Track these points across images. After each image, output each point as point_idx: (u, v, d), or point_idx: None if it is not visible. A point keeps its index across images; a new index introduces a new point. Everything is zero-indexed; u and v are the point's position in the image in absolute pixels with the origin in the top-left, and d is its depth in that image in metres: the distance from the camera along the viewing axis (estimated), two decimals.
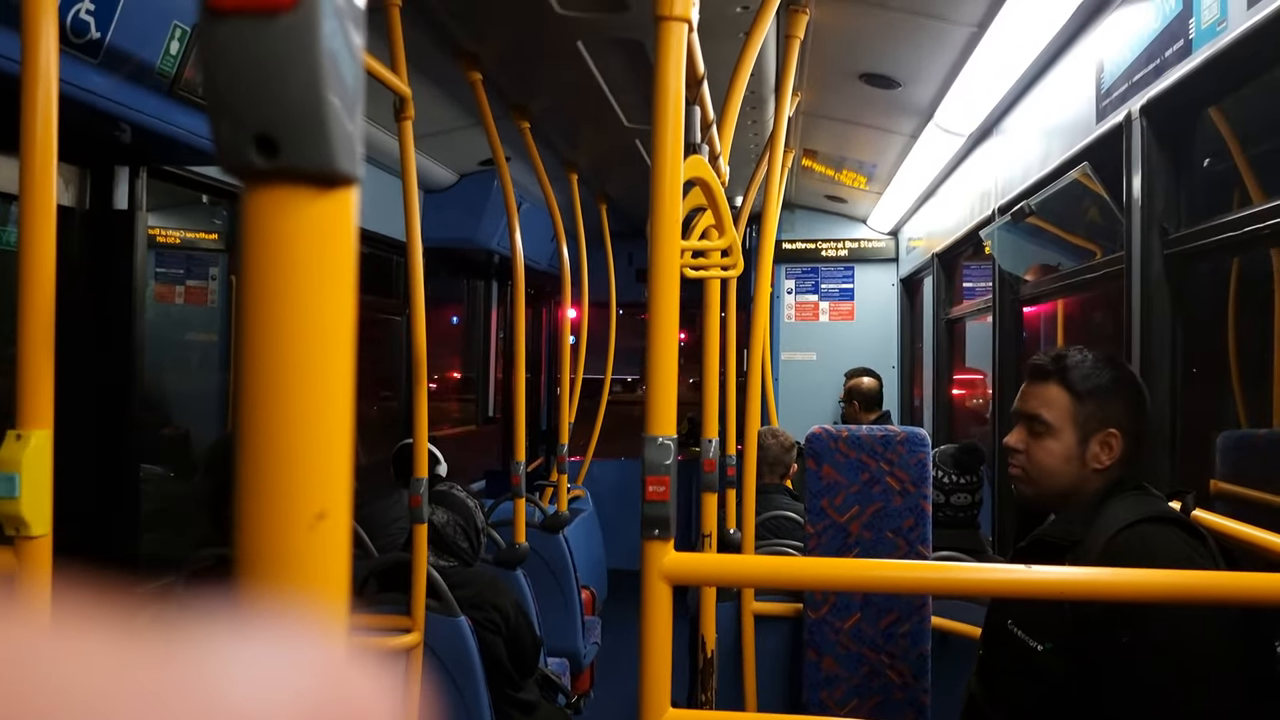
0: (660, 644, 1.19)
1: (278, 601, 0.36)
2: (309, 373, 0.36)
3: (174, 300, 3.89)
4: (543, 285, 6.56)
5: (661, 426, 1.21)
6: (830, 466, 2.60)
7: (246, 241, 0.36)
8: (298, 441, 0.36)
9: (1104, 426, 1.65)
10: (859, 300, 6.47)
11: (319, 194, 0.36)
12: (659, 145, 1.19)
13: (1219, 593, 1.17)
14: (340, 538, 0.37)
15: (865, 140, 4.57)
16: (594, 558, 5.11)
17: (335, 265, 0.37)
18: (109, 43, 1.97)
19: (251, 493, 0.36)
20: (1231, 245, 1.96)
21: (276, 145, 0.35)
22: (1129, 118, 2.24)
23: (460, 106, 3.62)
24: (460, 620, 2.68)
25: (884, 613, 2.56)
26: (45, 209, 1.32)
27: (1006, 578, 1.20)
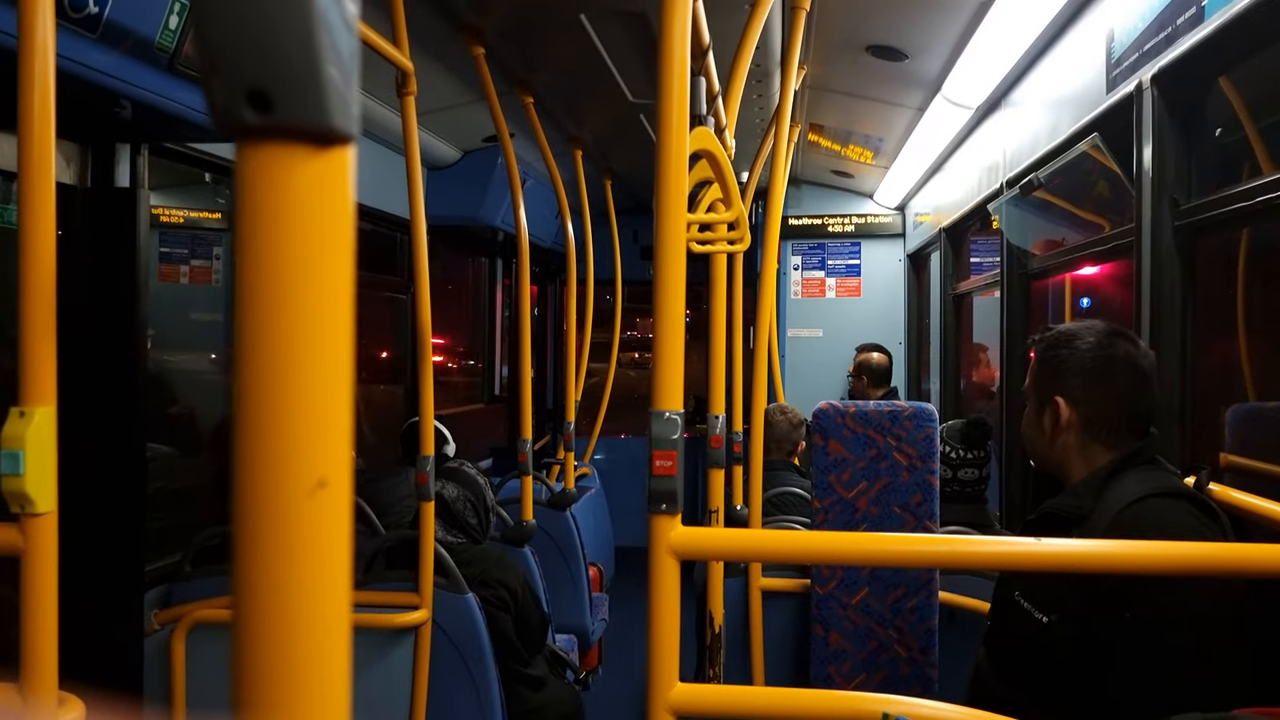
0: (668, 619, 1.18)
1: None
2: (307, 337, 0.35)
3: (179, 280, 3.88)
4: (548, 262, 6.54)
5: (668, 401, 1.20)
6: (837, 442, 2.59)
7: (241, 202, 0.35)
8: (296, 408, 0.35)
9: (1052, 395, 1.71)
10: (866, 276, 6.45)
11: (314, 152, 0.35)
12: (664, 115, 1.17)
13: (1224, 564, 1.16)
14: (341, 505, 0.36)
15: (872, 114, 4.53)
16: (601, 535, 5.12)
17: (332, 226, 0.36)
18: (108, 17, 1.95)
19: (250, 461, 0.35)
20: (1243, 216, 1.93)
21: (270, 101, 0.34)
22: (1140, 87, 2.21)
23: (463, 82, 3.60)
24: (468, 597, 2.69)
25: (891, 587, 2.56)
26: (44, 185, 1.30)
27: (1012, 550, 1.19)
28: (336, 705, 0.37)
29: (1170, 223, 2.14)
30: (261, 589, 0.35)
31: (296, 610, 0.36)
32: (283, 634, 0.35)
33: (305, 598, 0.35)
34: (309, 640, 0.36)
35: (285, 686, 0.36)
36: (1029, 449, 1.83)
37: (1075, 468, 1.70)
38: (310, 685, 0.36)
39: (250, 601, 0.35)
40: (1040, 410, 1.74)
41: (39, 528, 1.23)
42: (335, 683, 0.37)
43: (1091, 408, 1.67)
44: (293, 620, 0.36)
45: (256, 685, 0.36)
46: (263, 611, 0.35)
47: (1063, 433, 1.70)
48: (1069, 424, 1.69)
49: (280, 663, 0.36)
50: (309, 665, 0.36)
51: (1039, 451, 1.78)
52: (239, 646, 0.35)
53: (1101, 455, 1.67)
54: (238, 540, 0.36)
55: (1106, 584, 1.47)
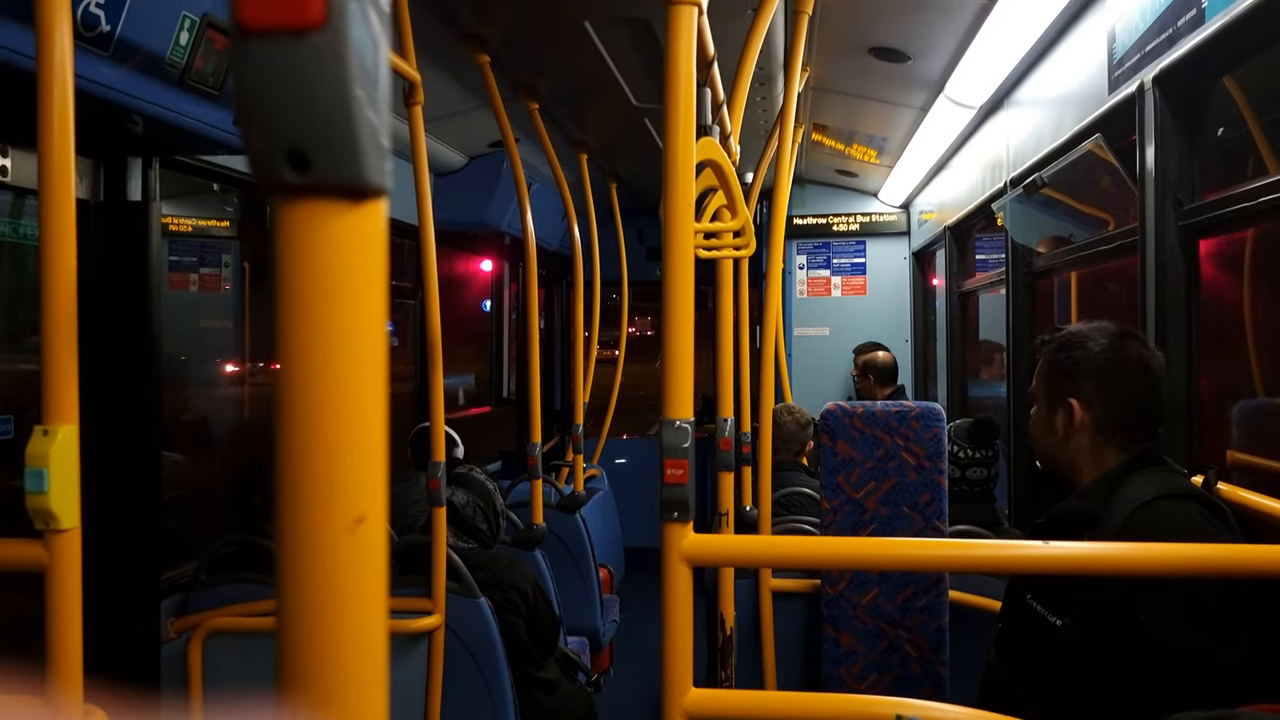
0: (682, 627, 1.20)
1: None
2: (344, 381, 0.37)
3: (188, 288, 3.91)
4: (555, 265, 6.56)
5: (679, 409, 1.22)
6: (845, 443, 2.60)
7: (280, 254, 0.37)
8: (335, 448, 0.37)
9: (1065, 397, 1.71)
10: (871, 274, 6.46)
11: (350, 206, 0.37)
12: (671, 129, 1.19)
13: (1232, 565, 1.17)
14: (378, 540, 0.38)
15: (875, 114, 4.55)
16: (611, 536, 5.14)
17: (367, 274, 0.38)
18: (119, 35, 1.97)
19: (292, 498, 0.37)
20: (1247, 216, 1.95)
21: (308, 160, 0.36)
22: (1141, 88, 2.23)
23: (468, 89, 3.62)
24: (480, 601, 2.71)
25: (901, 587, 2.57)
26: (64, 204, 1.33)
27: (1022, 554, 1.21)
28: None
29: (1174, 223, 2.15)
30: (305, 620, 0.37)
31: (338, 639, 0.38)
32: (326, 661, 0.37)
33: (346, 628, 0.37)
34: (351, 667, 0.38)
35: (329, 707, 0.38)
36: (1038, 451, 1.84)
37: (1085, 468, 1.71)
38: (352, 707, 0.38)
39: (294, 631, 0.37)
40: (1051, 412, 1.75)
41: (63, 544, 1.25)
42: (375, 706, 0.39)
43: (1105, 409, 1.68)
44: (335, 648, 0.38)
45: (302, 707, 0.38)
46: (307, 640, 0.37)
47: (1075, 434, 1.71)
48: (1082, 425, 1.70)
49: (323, 686, 0.38)
50: (350, 688, 0.38)
51: (1049, 453, 1.79)
52: (285, 673, 0.37)
53: (1112, 456, 1.68)
54: (281, 573, 0.38)
55: (1118, 586, 1.48)
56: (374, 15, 0.37)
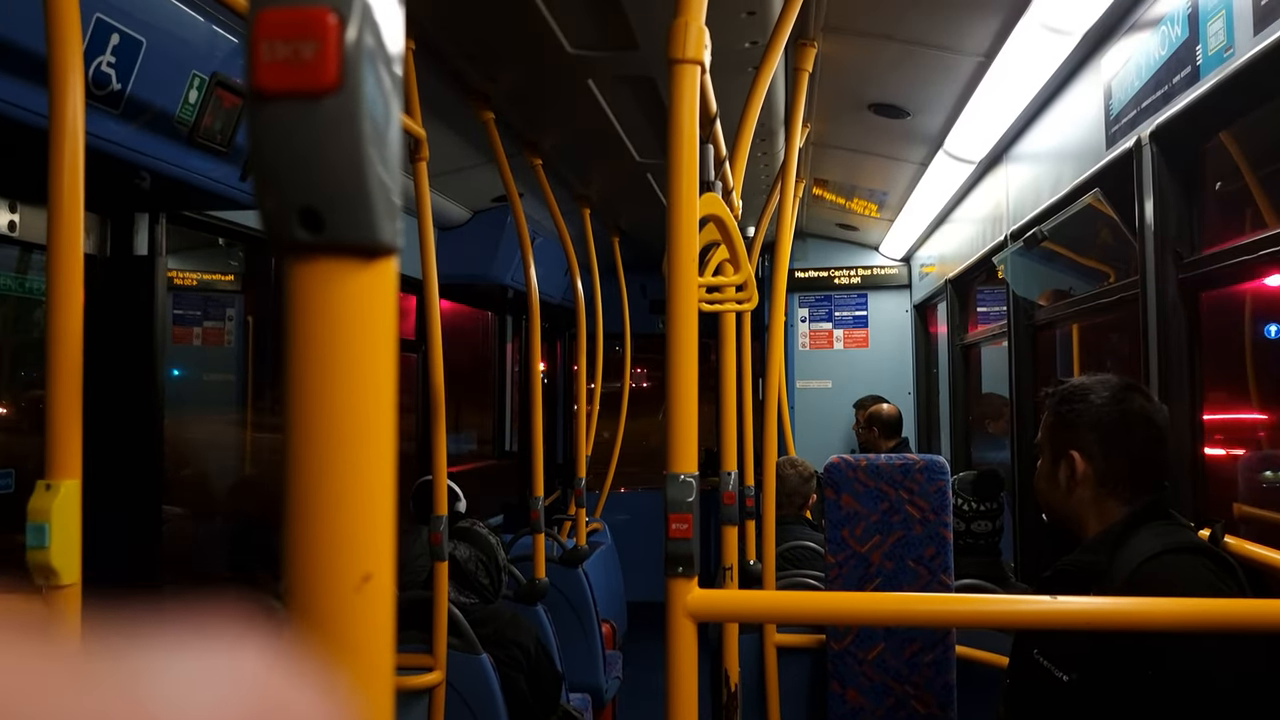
0: (686, 684, 1.18)
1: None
2: (354, 439, 0.37)
3: (191, 341, 3.92)
4: (558, 318, 6.58)
5: (683, 464, 1.21)
6: (850, 496, 2.59)
7: (292, 312, 0.37)
8: (344, 506, 0.37)
9: (1066, 449, 1.71)
10: (873, 327, 6.47)
11: (362, 265, 0.37)
12: (674, 186, 1.20)
13: (1243, 620, 1.16)
14: (385, 597, 0.38)
15: (876, 169, 4.59)
16: (614, 591, 5.09)
17: (377, 333, 0.38)
18: (130, 93, 2.00)
19: (300, 556, 0.37)
20: (1246, 269, 1.96)
21: (321, 219, 0.36)
22: (1139, 143, 2.25)
23: (472, 144, 3.66)
24: (482, 658, 2.68)
25: (907, 643, 2.54)
26: (73, 259, 1.34)
27: (1029, 609, 1.20)
28: None
29: (1174, 276, 2.16)
30: None
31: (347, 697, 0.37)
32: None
33: (355, 686, 0.37)
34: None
35: None
36: (1042, 502, 1.83)
37: (1090, 522, 1.70)
38: None
39: None
40: (1055, 464, 1.74)
41: (63, 599, 1.24)
42: None
43: (1107, 462, 1.67)
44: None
45: None
46: None
47: (1078, 487, 1.70)
48: (1084, 478, 1.69)
49: None
50: None
51: (1053, 505, 1.78)
52: None
53: (1116, 509, 1.67)
54: (291, 629, 0.37)
55: (1126, 641, 1.46)
56: (387, 77, 0.37)
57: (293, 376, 0.37)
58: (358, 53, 0.35)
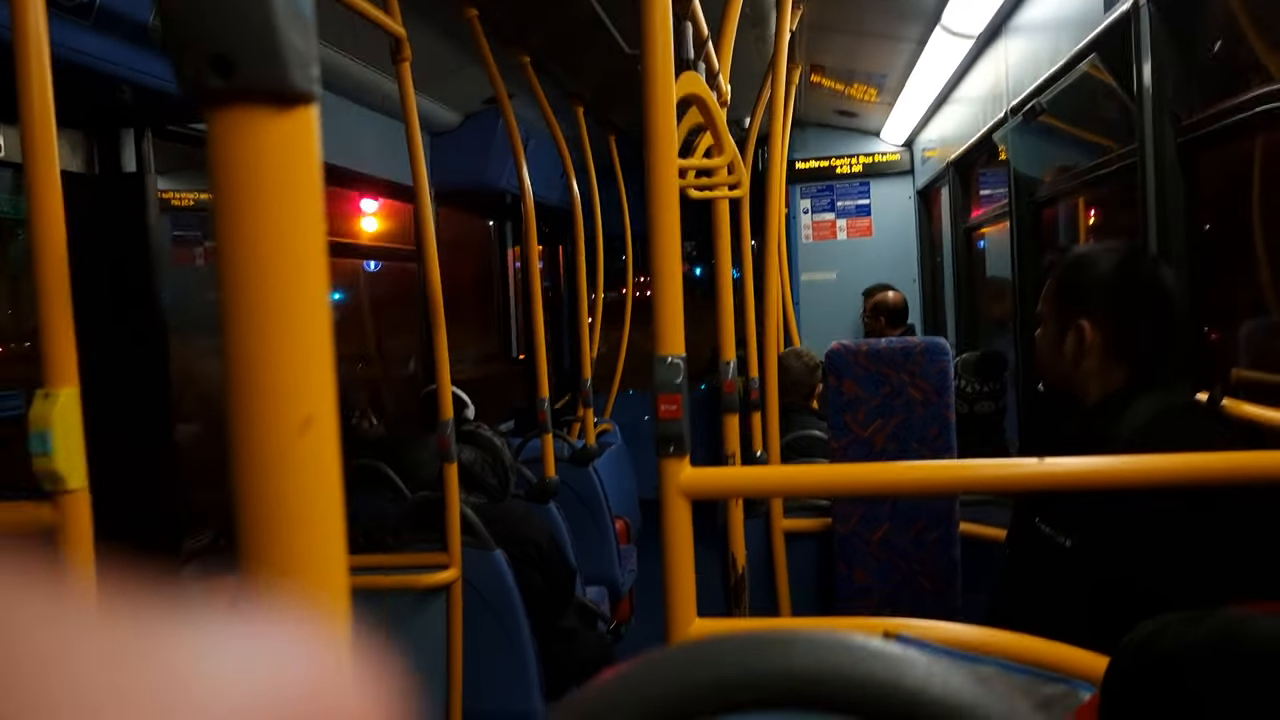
0: (683, 559, 1.21)
1: (276, 597, 0.37)
2: (285, 285, 0.37)
3: (193, 262, 3.92)
4: (557, 222, 6.54)
5: (670, 346, 1.22)
6: (851, 381, 2.60)
7: (213, 163, 0.37)
8: (279, 353, 0.37)
9: (1075, 318, 1.68)
10: (876, 215, 6.41)
11: (277, 112, 0.37)
12: (649, 62, 1.19)
13: (1240, 471, 1.16)
14: (329, 440, 0.39)
15: (873, 50, 4.49)
16: (625, 489, 5.17)
17: (301, 180, 0.38)
18: (100, 4, 1.96)
19: (242, 404, 0.38)
20: (1245, 127, 1.92)
21: (232, 65, 0.36)
22: (1136, 4, 2.19)
23: (458, 45, 3.58)
24: (496, 553, 2.74)
25: (912, 521, 2.59)
26: (49, 173, 1.33)
27: (1021, 471, 1.21)
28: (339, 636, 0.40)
29: (1172, 139, 2.12)
30: (260, 529, 0.38)
31: (294, 546, 0.38)
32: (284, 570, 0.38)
33: (301, 534, 0.38)
34: (309, 573, 0.39)
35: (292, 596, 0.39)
36: (1044, 372, 1.81)
37: (1094, 390, 1.69)
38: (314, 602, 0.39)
39: (251, 541, 0.38)
40: (1060, 333, 1.71)
41: (73, 504, 1.27)
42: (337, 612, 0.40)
43: (1118, 330, 1.65)
44: (291, 555, 0.38)
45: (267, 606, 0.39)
46: (264, 548, 0.38)
47: (1086, 356, 1.68)
48: (1092, 347, 1.67)
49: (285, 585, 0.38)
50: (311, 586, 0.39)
51: (1057, 374, 1.76)
52: (246, 572, 0.38)
53: (1121, 377, 1.67)
54: (235, 480, 0.38)
55: (1126, 503, 1.47)
56: None
57: (219, 227, 0.37)
58: None
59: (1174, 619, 0.80)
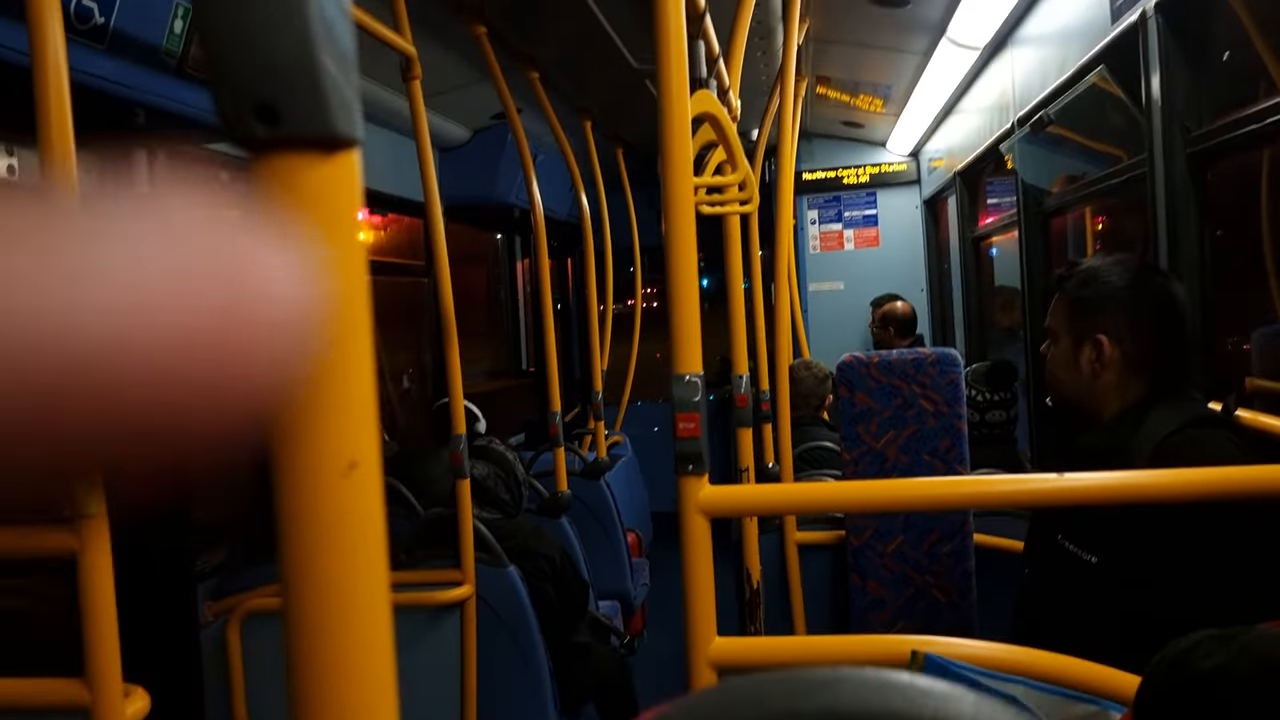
0: (702, 577, 1.21)
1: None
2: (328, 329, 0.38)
3: None
4: (566, 235, 6.55)
5: (688, 364, 1.23)
6: (863, 393, 2.60)
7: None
8: (324, 398, 0.38)
9: (1092, 333, 1.67)
10: (883, 225, 6.41)
11: (322, 158, 0.38)
12: (664, 82, 1.19)
13: (1262, 486, 1.15)
14: (373, 483, 0.39)
15: (878, 62, 4.50)
16: (637, 501, 5.17)
17: (343, 224, 0.38)
18: (114, 27, 1.98)
19: (286, 448, 0.38)
20: (1256, 139, 1.92)
21: (277, 113, 0.36)
22: (1144, 16, 2.19)
23: (467, 61, 3.60)
24: (510, 570, 2.74)
25: (926, 534, 2.58)
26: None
27: (1040, 487, 1.21)
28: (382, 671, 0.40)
29: (1182, 150, 2.12)
30: (305, 567, 0.38)
31: (339, 584, 0.39)
32: (328, 608, 0.38)
33: (346, 572, 0.39)
34: (353, 612, 0.39)
35: (333, 655, 0.39)
36: (1057, 389, 1.79)
37: (1111, 404, 1.69)
38: (356, 653, 0.39)
39: (295, 580, 0.39)
40: (1076, 349, 1.70)
41: (92, 529, 1.28)
42: (379, 650, 0.40)
43: (1136, 344, 1.65)
44: (336, 594, 0.39)
45: (307, 659, 0.39)
46: (308, 587, 0.39)
47: (1105, 371, 1.67)
48: (1111, 361, 1.66)
49: (327, 635, 0.39)
50: (354, 637, 0.39)
51: (1074, 390, 1.74)
52: (289, 623, 0.38)
53: (1138, 390, 1.66)
54: (280, 523, 0.39)
55: (1150, 518, 1.46)
56: None
57: None
58: None
59: (1205, 637, 0.80)
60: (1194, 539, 1.43)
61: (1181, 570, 1.44)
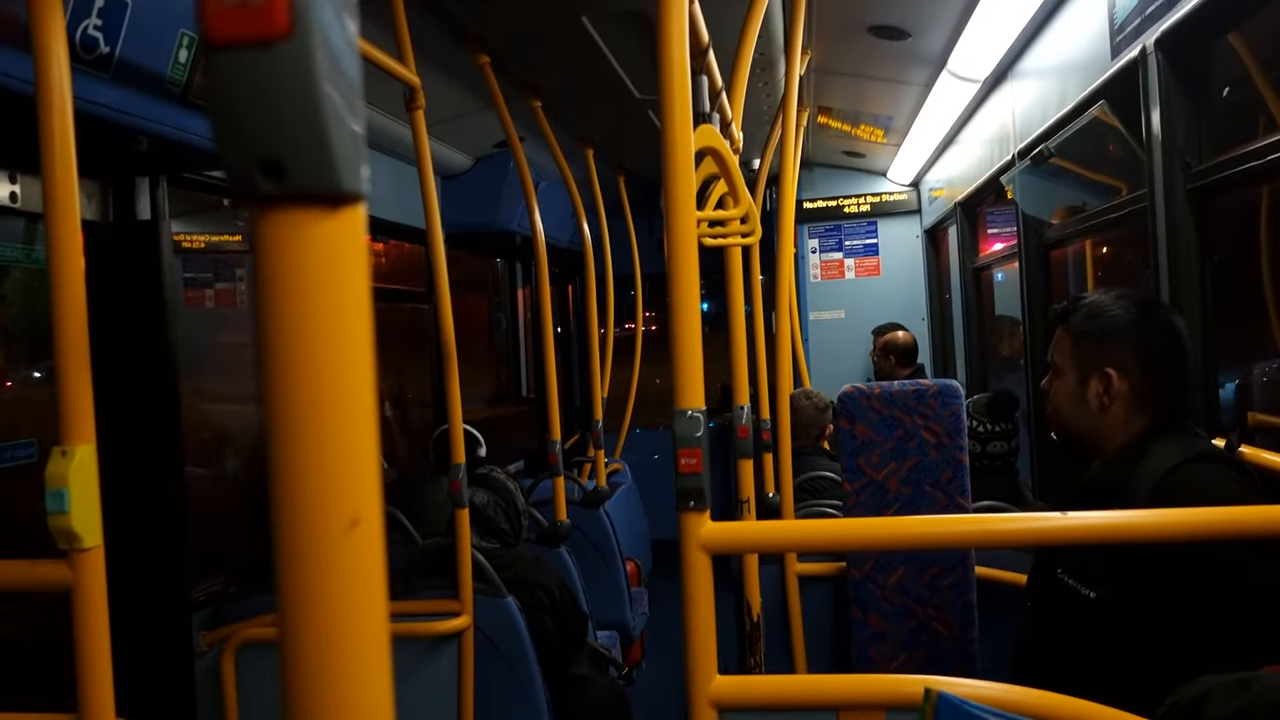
0: (703, 615, 1.20)
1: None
2: (331, 386, 0.37)
3: (204, 304, 3.93)
4: (567, 262, 6.57)
5: (690, 399, 1.22)
6: (864, 425, 2.60)
7: (261, 262, 0.37)
8: (326, 453, 0.37)
9: (1100, 367, 1.67)
10: (884, 254, 6.42)
11: (327, 213, 0.37)
12: (667, 119, 1.19)
13: (1264, 527, 1.15)
14: (375, 540, 0.38)
15: (880, 93, 4.52)
16: (636, 530, 5.15)
17: (348, 279, 0.38)
18: (119, 56, 1.99)
19: (286, 504, 0.37)
20: (1256, 175, 1.92)
21: (283, 169, 0.36)
22: (1144, 52, 2.20)
23: (470, 90, 3.62)
24: (508, 601, 2.72)
25: (927, 566, 2.56)
26: (70, 224, 1.34)
27: (1043, 526, 1.20)
28: None
29: (1182, 186, 2.13)
30: (304, 624, 0.38)
31: (338, 642, 0.38)
32: (326, 670, 0.38)
33: (345, 631, 0.38)
34: (352, 675, 0.38)
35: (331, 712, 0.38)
36: (1063, 423, 1.78)
37: (1116, 438, 1.68)
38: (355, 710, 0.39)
39: (294, 636, 0.38)
40: (1083, 383, 1.70)
41: (87, 562, 1.27)
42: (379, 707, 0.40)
43: (1144, 378, 1.64)
44: (335, 652, 0.38)
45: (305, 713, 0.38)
46: (306, 645, 0.38)
47: (1113, 404, 1.66)
48: (1119, 395, 1.65)
49: (325, 692, 0.38)
50: (353, 691, 0.38)
51: (1080, 424, 1.73)
52: (287, 681, 0.38)
53: (1143, 424, 1.66)
54: (279, 578, 0.38)
55: (1151, 554, 1.45)
56: (341, 20, 0.37)
57: (265, 325, 0.37)
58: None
59: (1217, 684, 0.79)
60: (1194, 577, 1.42)
61: (1182, 608, 1.43)
